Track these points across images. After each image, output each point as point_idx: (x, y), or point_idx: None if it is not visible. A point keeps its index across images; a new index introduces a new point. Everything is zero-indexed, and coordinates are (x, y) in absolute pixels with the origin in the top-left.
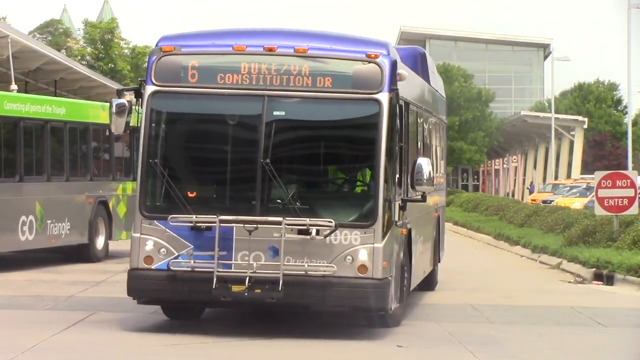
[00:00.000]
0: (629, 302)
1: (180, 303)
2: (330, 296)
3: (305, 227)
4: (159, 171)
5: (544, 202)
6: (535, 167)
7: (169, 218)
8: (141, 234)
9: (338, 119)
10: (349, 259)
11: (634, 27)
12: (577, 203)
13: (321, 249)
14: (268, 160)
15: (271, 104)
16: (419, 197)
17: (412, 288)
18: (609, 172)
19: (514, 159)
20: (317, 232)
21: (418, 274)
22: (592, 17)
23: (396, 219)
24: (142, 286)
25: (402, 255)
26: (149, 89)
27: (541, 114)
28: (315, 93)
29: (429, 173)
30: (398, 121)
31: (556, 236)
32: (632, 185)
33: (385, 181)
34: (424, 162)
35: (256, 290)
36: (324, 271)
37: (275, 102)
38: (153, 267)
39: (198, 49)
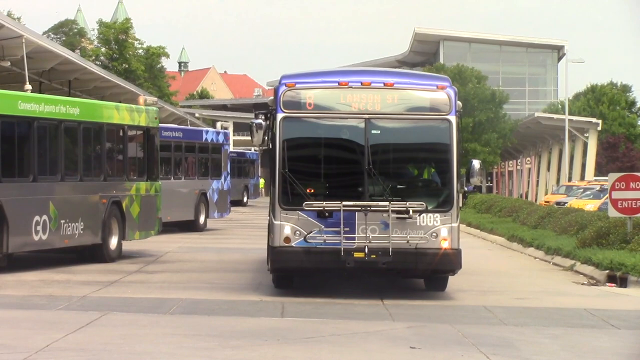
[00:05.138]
0: None
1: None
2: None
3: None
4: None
5: (558, 203)
6: (548, 168)
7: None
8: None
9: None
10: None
11: None
12: (591, 205)
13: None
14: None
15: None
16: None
17: None
18: (623, 174)
19: (528, 161)
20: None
21: None
22: (606, 19)
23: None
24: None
25: None
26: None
27: (555, 116)
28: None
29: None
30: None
31: (570, 238)
32: None
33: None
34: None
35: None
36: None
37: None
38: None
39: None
